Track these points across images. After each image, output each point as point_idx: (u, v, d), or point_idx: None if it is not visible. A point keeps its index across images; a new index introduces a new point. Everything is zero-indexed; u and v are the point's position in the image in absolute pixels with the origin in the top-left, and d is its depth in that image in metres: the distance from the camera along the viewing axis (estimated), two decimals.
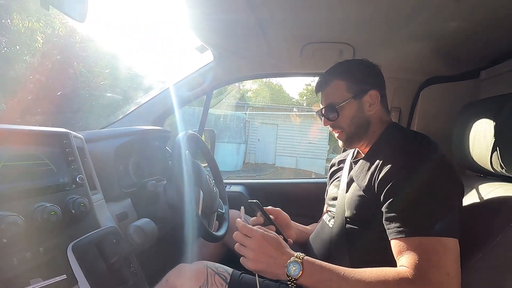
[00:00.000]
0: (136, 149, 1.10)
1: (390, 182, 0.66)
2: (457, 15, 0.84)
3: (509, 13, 0.79)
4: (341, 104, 0.84)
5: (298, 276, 0.61)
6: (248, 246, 0.66)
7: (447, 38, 0.98)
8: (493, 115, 0.75)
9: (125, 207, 0.92)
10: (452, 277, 0.56)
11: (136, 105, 1.40)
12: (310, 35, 1.08)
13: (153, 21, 8.27)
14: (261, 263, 0.64)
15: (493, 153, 0.73)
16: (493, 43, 0.97)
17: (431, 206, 0.61)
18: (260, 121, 11.33)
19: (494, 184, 0.75)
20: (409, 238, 0.60)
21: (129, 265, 0.72)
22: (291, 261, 0.63)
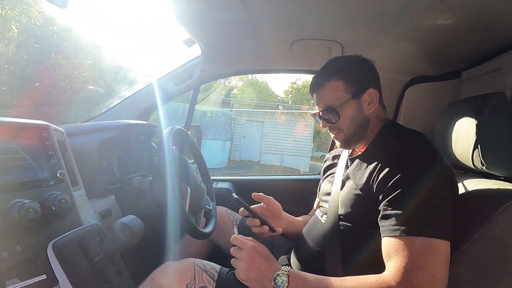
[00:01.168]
0: (120, 144, 1.06)
1: (390, 182, 0.66)
2: (441, 18, 0.86)
3: (489, 18, 0.82)
4: (341, 105, 0.80)
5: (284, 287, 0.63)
6: (240, 258, 0.69)
7: (431, 40, 1.01)
8: (474, 114, 0.77)
9: (109, 204, 0.89)
10: (436, 279, 0.57)
11: (120, 98, 1.36)
12: (300, 31, 1.07)
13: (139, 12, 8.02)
14: (251, 275, 0.67)
15: (474, 151, 0.76)
16: (474, 45, 1.00)
17: (427, 208, 0.61)
18: (245, 118, 11.32)
19: (475, 181, 0.78)
20: (401, 237, 0.61)
21: (114, 264, 0.70)
22: (278, 273, 0.66)
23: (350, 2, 0.83)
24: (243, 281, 0.69)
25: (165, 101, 1.39)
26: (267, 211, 0.93)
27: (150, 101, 1.34)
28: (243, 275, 0.68)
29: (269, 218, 0.92)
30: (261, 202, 0.93)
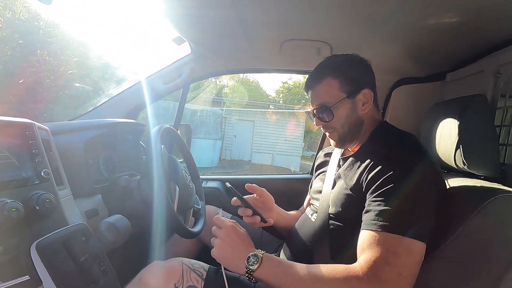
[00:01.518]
0: (107, 142, 1.05)
1: (378, 181, 0.67)
2: (427, 21, 0.88)
3: (472, 23, 0.85)
4: (335, 104, 0.80)
5: (255, 268, 0.64)
6: (218, 235, 0.71)
7: (418, 42, 1.03)
8: (457, 115, 0.80)
9: (95, 203, 0.87)
10: (404, 277, 0.58)
11: (108, 96, 1.33)
12: (289, 32, 1.08)
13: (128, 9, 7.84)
14: (225, 252, 0.69)
15: (457, 151, 0.78)
16: (458, 48, 1.03)
17: (409, 208, 0.62)
18: (236, 118, 11.29)
19: (457, 180, 0.80)
20: (377, 231, 0.62)
21: (100, 264, 0.69)
22: (252, 253, 0.67)
23: (339, 4, 0.84)
24: (216, 258, 0.70)
25: (154, 99, 1.38)
26: (259, 203, 0.93)
27: (139, 100, 1.32)
28: (216, 252, 0.69)
29: (261, 210, 0.92)
30: (254, 193, 0.93)
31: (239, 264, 0.67)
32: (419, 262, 0.61)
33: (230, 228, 0.72)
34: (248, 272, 0.65)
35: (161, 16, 1.03)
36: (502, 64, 0.90)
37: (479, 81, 0.97)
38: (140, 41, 15.07)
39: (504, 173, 0.81)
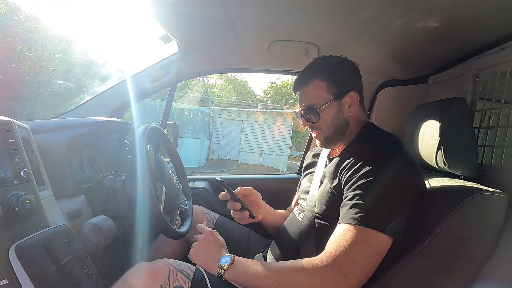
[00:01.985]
0: (91, 142, 1.02)
1: (354, 177, 0.69)
2: (410, 26, 0.91)
3: (454, 29, 0.88)
4: (322, 106, 0.82)
5: (227, 266, 0.71)
6: (197, 239, 0.80)
7: (402, 45, 1.06)
8: (438, 117, 0.82)
9: (78, 204, 0.85)
10: (357, 265, 0.61)
11: (92, 94, 1.30)
12: (278, 32, 1.09)
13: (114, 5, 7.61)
14: (200, 253, 0.77)
15: (438, 152, 0.81)
16: (440, 52, 1.07)
17: (378, 203, 0.65)
18: (224, 117, 11.24)
19: (438, 179, 0.83)
20: (343, 224, 0.66)
21: (83, 266, 0.67)
22: (225, 255, 0.75)
23: (326, 7, 0.85)
24: (191, 257, 0.77)
25: (140, 98, 1.35)
26: (247, 201, 0.96)
27: (124, 98, 1.30)
28: (192, 252, 0.78)
29: (249, 207, 0.94)
30: (243, 193, 0.96)
31: (211, 265, 0.74)
32: (377, 254, 0.64)
33: (209, 233, 0.81)
34: (220, 271, 0.72)
35: (148, 14, 1.01)
36: (481, 69, 0.94)
37: (460, 85, 1.01)
38: (126, 38, 14.75)
39: (482, 173, 0.84)
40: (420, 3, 0.77)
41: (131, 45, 13.28)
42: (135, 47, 12.18)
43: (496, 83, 0.88)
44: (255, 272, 0.70)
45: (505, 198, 0.67)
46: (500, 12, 0.76)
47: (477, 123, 0.94)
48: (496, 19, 0.80)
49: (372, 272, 0.64)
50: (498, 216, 0.68)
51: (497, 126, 0.87)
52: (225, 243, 0.83)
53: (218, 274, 0.72)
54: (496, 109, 0.88)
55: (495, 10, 0.76)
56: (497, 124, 0.87)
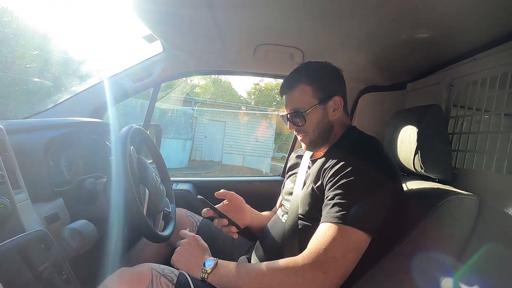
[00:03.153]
0: (70, 143, 0.98)
1: (335, 177, 0.71)
2: (390, 35, 0.95)
3: (431, 39, 0.92)
4: (308, 110, 0.84)
5: (210, 270, 0.72)
6: (179, 244, 0.81)
7: (382, 53, 1.10)
8: (415, 123, 0.86)
9: (56, 207, 0.82)
10: (337, 261, 0.64)
11: (71, 93, 1.25)
12: (264, 36, 1.10)
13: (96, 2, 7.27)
14: (183, 258, 0.78)
15: (415, 156, 0.85)
16: (417, 61, 1.12)
17: (356, 202, 0.67)
18: (208, 118, 11.15)
19: (415, 182, 0.87)
20: (324, 223, 0.68)
21: (61, 272, 0.64)
22: (208, 259, 0.76)
23: (311, 12, 0.87)
24: (173, 263, 0.78)
25: (122, 98, 1.32)
26: (231, 207, 0.95)
27: (105, 98, 1.26)
28: (175, 257, 0.78)
29: (234, 213, 0.94)
30: (224, 198, 0.94)
31: (195, 268, 0.74)
32: (356, 250, 0.66)
33: (192, 237, 0.82)
34: (203, 275, 0.72)
35: (131, 12, 0.99)
36: (455, 78, 0.99)
37: (435, 92, 1.06)
38: (108, 36, 14.27)
39: (455, 177, 0.89)
40: (402, 13, 0.80)
41: (114, 43, 12.87)
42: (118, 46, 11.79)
43: (468, 91, 0.93)
44: (238, 274, 0.71)
45: (476, 200, 0.72)
46: (473, 25, 0.81)
47: (451, 129, 0.99)
48: (469, 32, 0.85)
49: (351, 268, 0.66)
50: (470, 217, 0.72)
51: (469, 132, 0.92)
52: (209, 247, 0.84)
53: (202, 278, 0.72)
54: (469, 116, 0.93)
55: (468, 24, 0.81)
56: (469, 130, 0.93)
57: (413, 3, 0.75)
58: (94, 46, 10.34)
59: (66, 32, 7.16)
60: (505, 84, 0.79)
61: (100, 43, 11.86)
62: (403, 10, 0.78)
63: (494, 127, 0.84)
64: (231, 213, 0.93)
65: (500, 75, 0.81)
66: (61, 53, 2.08)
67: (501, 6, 0.72)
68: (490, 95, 0.84)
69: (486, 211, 0.72)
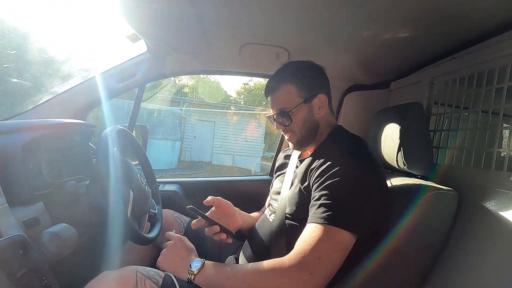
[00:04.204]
0: (51, 145, 0.95)
1: (321, 178, 0.72)
2: (373, 34, 0.96)
3: (412, 38, 0.94)
4: (293, 109, 0.85)
5: (197, 271, 0.71)
6: (165, 246, 0.80)
7: (366, 53, 1.12)
8: (398, 121, 0.88)
9: (36, 211, 0.79)
10: (322, 261, 0.64)
11: (52, 94, 1.22)
12: (249, 35, 1.10)
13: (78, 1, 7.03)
14: (169, 260, 0.77)
15: (398, 153, 0.87)
16: (400, 60, 1.14)
17: (342, 202, 0.68)
18: (196, 118, 11.06)
19: (399, 179, 0.89)
20: (310, 224, 0.69)
21: (41, 278, 0.63)
22: (195, 260, 0.74)
23: (296, 11, 0.87)
24: (159, 265, 0.77)
25: (106, 99, 1.29)
26: (221, 213, 0.93)
27: (88, 99, 1.23)
28: (160, 259, 0.77)
29: (224, 218, 0.93)
30: (212, 205, 0.93)
31: (181, 269, 0.73)
32: (341, 250, 0.67)
33: (177, 239, 0.81)
34: (190, 276, 0.71)
35: (115, 11, 0.97)
36: (436, 76, 1.02)
37: (417, 90, 1.08)
38: (91, 35, 13.88)
39: (436, 173, 0.92)
40: (383, 13, 0.82)
41: (97, 43, 12.53)
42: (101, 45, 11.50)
43: (448, 89, 0.96)
44: (225, 274, 0.70)
45: (455, 195, 0.74)
46: (451, 25, 0.84)
47: (432, 126, 1.02)
48: (447, 32, 0.87)
49: (337, 268, 0.67)
50: (450, 211, 0.74)
51: (449, 129, 0.95)
52: (196, 248, 0.83)
53: (188, 279, 0.72)
54: (449, 113, 0.96)
55: (447, 23, 0.83)
56: (450, 127, 0.95)
57: (395, 2, 0.76)
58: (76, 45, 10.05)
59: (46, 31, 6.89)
60: (482, 82, 0.81)
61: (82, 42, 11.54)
62: (386, 9, 0.80)
63: (472, 124, 0.86)
64: (222, 219, 0.91)
65: (477, 73, 0.84)
66: (41, 53, 1.99)
67: (478, 7, 0.75)
68: (468, 93, 0.87)
69: (466, 205, 0.75)
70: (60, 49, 4.26)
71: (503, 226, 0.64)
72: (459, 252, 0.72)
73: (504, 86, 0.73)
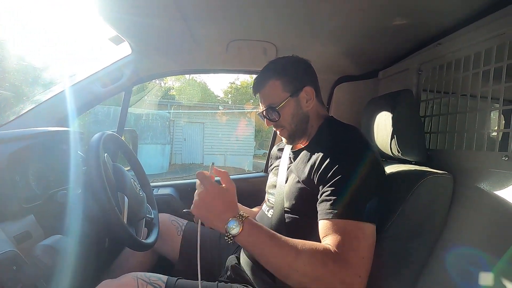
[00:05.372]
0: (38, 155, 0.92)
1: (329, 172, 0.70)
2: (359, 24, 0.96)
3: (398, 25, 0.95)
4: (280, 104, 0.86)
5: (236, 234, 0.62)
6: (198, 193, 0.65)
7: (352, 43, 1.12)
8: (390, 108, 0.89)
9: (26, 225, 0.76)
10: (365, 260, 0.63)
11: (35, 103, 1.17)
12: (236, 32, 1.08)
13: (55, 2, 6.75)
14: (204, 211, 0.64)
15: (392, 141, 0.87)
16: (386, 48, 1.15)
17: (358, 195, 0.67)
18: (185, 120, 10.96)
19: (393, 166, 0.90)
20: (336, 220, 0.65)
21: None
22: (233, 219, 0.62)
23: (282, 5, 0.86)
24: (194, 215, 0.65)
25: (92, 104, 1.25)
26: None
27: (73, 105, 1.19)
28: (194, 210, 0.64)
29: None
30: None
31: (218, 225, 0.63)
32: (372, 245, 0.65)
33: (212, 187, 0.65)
34: (228, 237, 0.62)
35: (95, 14, 0.94)
36: (423, 63, 1.03)
37: (405, 78, 1.09)
38: (71, 39, 13.52)
39: (430, 158, 0.93)
40: (369, 2, 0.82)
41: (78, 47, 12.19)
42: (82, 49, 11.17)
43: (436, 75, 0.97)
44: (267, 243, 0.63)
45: (451, 178, 0.75)
46: (437, 10, 0.84)
47: (422, 112, 1.03)
48: (433, 17, 0.88)
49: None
50: (446, 195, 0.75)
51: (439, 114, 0.96)
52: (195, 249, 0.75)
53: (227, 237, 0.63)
54: (438, 99, 0.97)
55: (432, 9, 0.84)
56: (439, 112, 0.96)
57: None
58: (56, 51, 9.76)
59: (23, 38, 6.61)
60: (469, 66, 0.83)
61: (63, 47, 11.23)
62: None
63: (461, 108, 0.88)
64: None
65: (464, 57, 0.85)
66: (20, 60, 1.92)
67: None
68: (456, 78, 0.88)
69: (461, 187, 0.76)
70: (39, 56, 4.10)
71: (498, 204, 0.66)
72: (457, 233, 0.73)
73: (491, 68, 0.75)
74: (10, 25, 7.36)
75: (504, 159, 0.69)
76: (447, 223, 0.76)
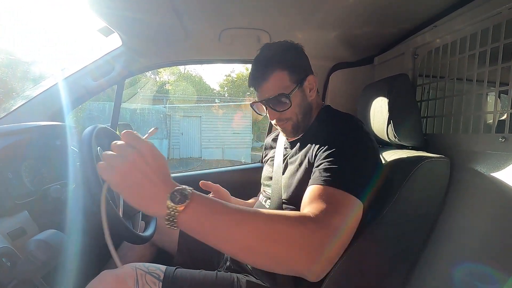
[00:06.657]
0: (30, 150, 0.90)
1: (324, 153, 0.68)
2: (352, 9, 0.94)
3: (392, 9, 0.93)
4: (291, 94, 0.80)
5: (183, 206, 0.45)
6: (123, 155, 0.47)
7: (347, 29, 1.10)
8: (386, 94, 0.88)
9: (20, 221, 0.75)
10: (347, 228, 0.57)
11: (25, 98, 1.15)
12: (228, 20, 1.06)
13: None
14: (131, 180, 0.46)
15: (388, 126, 0.87)
16: (381, 33, 1.13)
17: (354, 171, 0.64)
18: (181, 114, 10.89)
19: (390, 152, 0.89)
20: (326, 186, 0.61)
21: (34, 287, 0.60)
22: (176, 190, 0.46)
23: None
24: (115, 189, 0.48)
25: (84, 98, 1.23)
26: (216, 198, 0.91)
27: (65, 100, 1.16)
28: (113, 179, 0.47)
29: None
30: (210, 191, 0.91)
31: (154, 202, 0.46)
32: (357, 220, 0.61)
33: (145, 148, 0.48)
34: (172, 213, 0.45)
35: (83, 5, 0.91)
36: (418, 47, 1.01)
37: (401, 63, 1.08)
38: (59, 31, 13.22)
39: (426, 142, 0.92)
40: None
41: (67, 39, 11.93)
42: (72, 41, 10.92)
43: (431, 59, 0.96)
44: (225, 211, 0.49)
45: (447, 162, 0.75)
46: None
47: (418, 97, 1.02)
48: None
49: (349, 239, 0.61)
50: (443, 178, 0.75)
51: (435, 98, 0.95)
52: (191, 247, 0.71)
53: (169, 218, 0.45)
54: (434, 82, 0.96)
55: None
56: (436, 96, 0.96)
57: None
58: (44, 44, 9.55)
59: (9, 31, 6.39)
60: (465, 48, 0.81)
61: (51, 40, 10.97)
62: None
63: (457, 91, 0.87)
64: None
65: (459, 39, 0.83)
66: (7, 54, 1.86)
67: None
68: (452, 61, 0.87)
69: (458, 170, 0.76)
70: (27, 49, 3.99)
71: (495, 186, 0.65)
72: (455, 216, 0.73)
73: (487, 48, 0.73)
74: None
75: (501, 140, 0.69)
76: (444, 207, 0.76)
